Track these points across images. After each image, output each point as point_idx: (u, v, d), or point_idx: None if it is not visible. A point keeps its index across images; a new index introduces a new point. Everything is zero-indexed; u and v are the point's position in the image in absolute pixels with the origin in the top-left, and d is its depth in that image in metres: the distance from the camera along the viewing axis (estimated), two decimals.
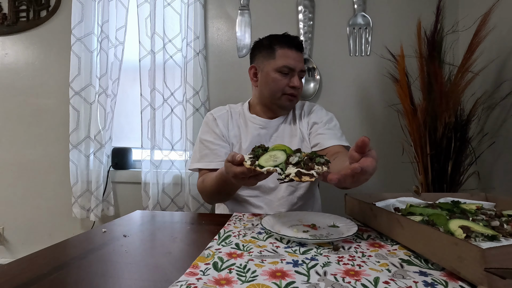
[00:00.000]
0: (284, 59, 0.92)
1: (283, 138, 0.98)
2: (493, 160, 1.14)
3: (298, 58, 0.93)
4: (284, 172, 0.51)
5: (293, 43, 0.94)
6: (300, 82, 0.95)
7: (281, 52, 0.93)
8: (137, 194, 1.48)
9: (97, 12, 1.50)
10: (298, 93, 0.96)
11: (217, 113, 1.02)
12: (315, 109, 1.02)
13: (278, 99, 0.95)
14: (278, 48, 0.94)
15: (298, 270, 0.40)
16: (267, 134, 0.98)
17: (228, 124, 1.00)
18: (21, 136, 1.64)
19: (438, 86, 1.06)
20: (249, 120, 1.00)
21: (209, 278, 0.37)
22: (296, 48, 0.94)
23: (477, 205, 0.62)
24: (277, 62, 0.93)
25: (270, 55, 0.95)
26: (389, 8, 1.40)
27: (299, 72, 0.94)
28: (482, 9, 1.06)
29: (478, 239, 0.44)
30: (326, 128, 0.95)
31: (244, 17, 1.48)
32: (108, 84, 1.49)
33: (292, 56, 0.93)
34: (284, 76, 0.93)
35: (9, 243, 1.66)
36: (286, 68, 0.92)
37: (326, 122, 0.97)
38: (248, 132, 0.98)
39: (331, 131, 0.94)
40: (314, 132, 0.96)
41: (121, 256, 0.48)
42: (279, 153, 0.56)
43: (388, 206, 0.66)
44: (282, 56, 0.93)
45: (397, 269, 0.40)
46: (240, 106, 1.07)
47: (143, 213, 0.80)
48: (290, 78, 0.93)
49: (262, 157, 0.56)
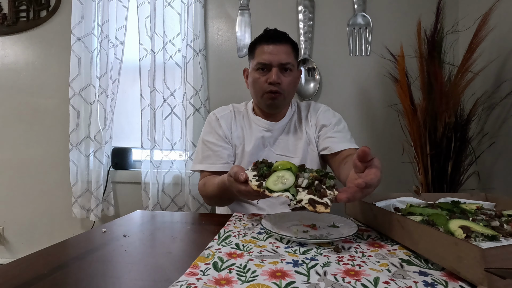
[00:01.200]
0: (260, 56, 0.88)
1: (288, 141, 0.96)
2: (493, 160, 1.14)
3: (274, 51, 0.87)
4: (295, 198, 0.49)
5: (268, 36, 0.89)
6: (279, 76, 0.87)
7: (258, 49, 0.90)
8: (137, 194, 1.48)
9: (97, 12, 1.50)
10: (281, 89, 0.88)
11: (220, 113, 0.99)
12: (323, 110, 0.99)
13: (261, 98, 0.91)
14: (257, 45, 0.90)
15: (298, 270, 0.40)
16: (272, 137, 0.96)
17: (231, 125, 0.98)
18: (21, 136, 1.64)
19: (438, 86, 1.06)
20: (253, 121, 0.98)
21: (209, 278, 0.37)
22: (273, 41, 0.88)
23: (477, 205, 0.62)
24: (255, 61, 0.90)
25: (251, 55, 0.93)
26: (389, 8, 1.40)
27: (278, 65, 0.87)
28: (482, 9, 1.06)
29: (478, 239, 0.44)
30: (335, 131, 0.92)
31: (244, 17, 1.48)
32: (108, 84, 1.49)
33: (268, 51, 0.87)
34: (262, 74, 0.89)
35: (9, 243, 1.66)
36: (260, 65, 0.88)
37: (335, 124, 0.94)
38: (252, 134, 0.96)
39: (341, 133, 0.92)
40: (323, 135, 0.93)
41: (121, 256, 0.48)
42: (287, 174, 0.53)
43: (388, 206, 0.66)
44: (258, 54, 0.89)
45: (397, 269, 0.40)
46: (244, 106, 1.04)
47: (143, 213, 0.80)
48: (268, 75, 0.88)
49: (269, 178, 0.54)
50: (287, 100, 0.94)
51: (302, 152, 0.94)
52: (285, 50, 0.88)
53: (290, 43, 0.91)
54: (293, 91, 0.95)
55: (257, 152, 0.95)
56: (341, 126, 0.94)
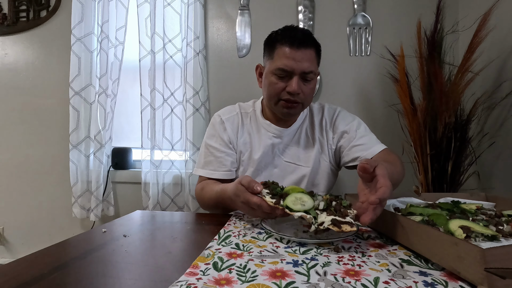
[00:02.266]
0: (280, 60, 0.79)
1: (298, 149, 0.90)
2: (493, 160, 1.14)
3: (299, 58, 0.77)
4: (317, 221, 0.49)
5: (293, 38, 0.78)
6: (300, 86, 0.79)
7: (280, 50, 0.79)
8: (137, 194, 1.48)
9: (97, 12, 1.50)
10: (300, 98, 0.81)
11: (226, 115, 0.92)
12: (339, 115, 0.92)
13: (275, 105, 0.84)
14: (278, 45, 0.80)
15: (298, 270, 0.40)
16: (281, 143, 0.90)
17: (238, 129, 0.91)
18: (21, 136, 1.64)
19: (438, 86, 1.06)
20: (262, 126, 0.91)
21: (209, 278, 0.37)
22: (298, 45, 0.77)
23: (477, 205, 0.62)
24: (274, 63, 0.80)
25: (270, 54, 0.83)
26: (389, 8, 1.40)
27: (301, 74, 0.78)
28: (482, 9, 1.06)
29: (478, 239, 0.44)
30: (360, 137, 0.86)
31: (244, 17, 1.48)
32: (108, 84, 1.49)
33: (291, 56, 0.77)
34: (280, 80, 0.80)
35: (9, 243, 1.66)
36: (280, 71, 0.79)
37: (356, 129, 0.87)
38: (261, 141, 0.90)
39: (366, 137, 0.86)
40: (347, 145, 0.87)
41: (121, 256, 0.48)
42: (305, 197, 0.54)
43: (388, 206, 0.65)
44: (279, 56, 0.79)
45: (397, 269, 0.40)
46: (252, 106, 0.96)
47: (143, 213, 0.80)
48: (288, 81, 0.79)
49: (287, 198, 0.53)
50: (303, 108, 0.88)
51: (313, 161, 0.89)
52: (309, 56, 0.79)
53: (314, 46, 0.81)
54: (311, 99, 0.87)
55: (266, 160, 0.90)
56: (362, 129, 0.88)
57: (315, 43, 0.82)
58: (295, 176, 0.90)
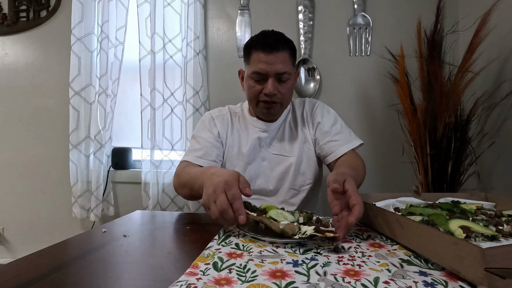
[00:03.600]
0: (255, 64, 0.84)
1: (284, 141, 0.96)
2: (493, 160, 1.14)
3: (271, 61, 0.82)
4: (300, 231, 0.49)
5: (265, 43, 0.83)
6: (276, 87, 0.84)
7: (254, 55, 0.84)
8: (137, 194, 1.48)
9: (97, 12, 1.50)
10: (277, 99, 0.86)
11: (216, 113, 0.99)
12: (317, 107, 0.97)
13: (256, 106, 0.90)
14: (253, 51, 0.85)
15: (298, 270, 0.40)
16: (268, 137, 0.95)
17: (227, 126, 0.97)
18: (21, 136, 1.64)
19: (438, 86, 1.06)
20: (249, 123, 0.97)
21: (209, 278, 0.37)
22: (270, 49, 0.82)
23: (477, 205, 0.62)
24: (251, 68, 0.85)
25: (247, 60, 0.88)
26: (389, 8, 1.40)
27: (275, 75, 0.83)
28: (482, 9, 1.05)
29: (478, 239, 0.44)
30: (335, 133, 0.91)
31: (244, 17, 1.48)
32: (108, 84, 1.49)
33: (264, 60, 0.82)
34: (257, 83, 0.85)
35: (9, 243, 1.66)
36: (256, 75, 0.84)
37: (332, 125, 0.93)
38: (249, 135, 0.95)
39: (341, 134, 0.91)
40: (322, 139, 0.92)
41: (121, 256, 0.48)
42: (286, 213, 0.56)
43: (388, 206, 0.66)
44: (254, 61, 0.84)
45: (397, 269, 0.40)
46: (240, 107, 1.03)
47: (143, 213, 0.80)
48: (264, 84, 0.85)
49: (270, 212, 0.55)
50: (283, 107, 0.92)
51: (298, 151, 0.94)
52: (282, 58, 0.83)
53: (287, 49, 0.86)
54: (290, 98, 0.93)
55: (254, 153, 0.95)
56: (338, 126, 0.93)
57: (288, 45, 0.86)
58: (282, 167, 0.94)
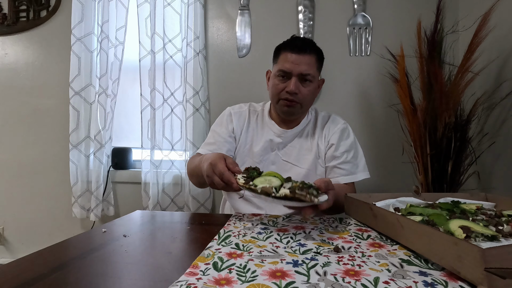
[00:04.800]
0: (282, 63, 0.89)
1: (297, 149, 0.95)
2: (493, 160, 1.14)
3: (297, 61, 0.87)
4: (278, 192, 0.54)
5: (293, 44, 0.89)
6: (298, 86, 0.87)
7: (282, 55, 0.90)
8: (137, 194, 1.48)
9: (97, 12, 1.50)
10: (297, 98, 0.89)
11: (235, 110, 1.02)
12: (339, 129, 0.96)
13: (277, 104, 0.92)
14: (282, 51, 0.90)
15: (298, 270, 0.40)
16: (281, 143, 0.96)
17: (244, 123, 0.99)
18: (21, 136, 1.64)
19: (438, 86, 1.06)
20: (266, 125, 0.99)
21: (209, 278, 0.37)
22: (298, 50, 0.87)
23: (477, 205, 0.62)
24: (277, 66, 0.90)
25: (275, 60, 0.93)
26: (389, 8, 1.40)
27: (298, 75, 0.87)
28: (482, 9, 1.05)
29: (478, 239, 0.44)
30: (344, 161, 0.92)
31: (244, 17, 1.48)
32: (108, 84, 1.49)
33: (291, 59, 0.87)
34: (281, 81, 0.89)
35: (9, 243, 1.66)
36: (281, 72, 0.88)
37: (345, 151, 0.93)
38: (263, 136, 0.97)
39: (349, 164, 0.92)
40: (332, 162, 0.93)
41: (121, 256, 0.48)
42: (274, 179, 0.58)
43: (388, 206, 0.66)
44: (281, 60, 0.89)
45: (397, 269, 0.40)
46: (262, 106, 1.04)
47: (143, 213, 0.80)
48: (287, 82, 0.88)
49: (257, 179, 0.58)
50: (303, 109, 0.94)
51: (309, 164, 0.94)
52: (308, 61, 0.87)
53: (315, 53, 0.90)
54: (310, 101, 0.94)
55: (264, 154, 0.96)
56: (350, 154, 0.93)
57: (316, 51, 0.90)
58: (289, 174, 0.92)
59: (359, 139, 1.00)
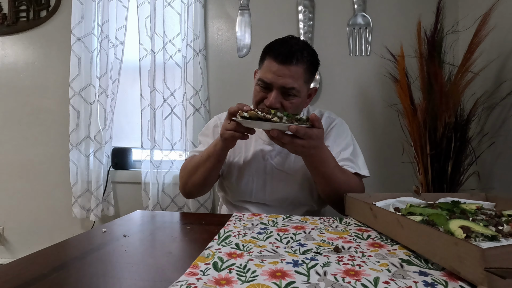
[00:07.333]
0: (263, 71, 0.79)
1: (289, 158, 0.90)
2: (493, 160, 1.14)
3: (280, 72, 0.76)
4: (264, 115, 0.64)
5: (278, 52, 0.77)
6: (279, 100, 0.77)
7: (266, 62, 0.80)
8: (137, 194, 1.48)
9: (97, 12, 1.51)
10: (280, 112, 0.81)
11: (222, 120, 0.95)
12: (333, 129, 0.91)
13: None
14: (267, 56, 0.80)
15: (298, 270, 0.40)
16: (273, 151, 0.90)
17: None
18: (21, 136, 1.64)
19: (438, 86, 1.06)
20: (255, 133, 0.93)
21: (209, 278, 0.37)
22: (283, 60, 0.76)
23: (477, 205, 0.62)
24: (260, 73, 0.81)
25: (260, 64, 0.85)
26: (389, 8, 1.40)
27: (281, 88, 0.77)
28: (482, 9, 1.05)
29: (478, 239, 0.44)
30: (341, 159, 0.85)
31: (244, 17, 1.48)
32: (108, 84, 1.49)
33: (273, 69, 0.76)
34: (262, 90, 0.80)
35: (9, 243, 1.66)
36: (261, 82, 0.79)
37: (341, 150, 0.87)
38: (252, 146, 0.92)
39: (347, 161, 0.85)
40: None
41: (121, 256, 0.48)
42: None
43: (388, 206, 0.66)
44: (264, 68, 0.80)
45: (397, 269, 0.40)
46: None
47: (143, 213, 0.80)
48: (269, 93, 0.79)
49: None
50: None
51: (304, 170, 0.85)
52: (293, 73, 0.76)
53: (303, 64, 0.78)
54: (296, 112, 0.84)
55: (256, 165, 0.91)
56: (347, 152, 0.87)
57: (305, 59, 0.79)
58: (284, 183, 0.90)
59: (359, 139, 1.00)
